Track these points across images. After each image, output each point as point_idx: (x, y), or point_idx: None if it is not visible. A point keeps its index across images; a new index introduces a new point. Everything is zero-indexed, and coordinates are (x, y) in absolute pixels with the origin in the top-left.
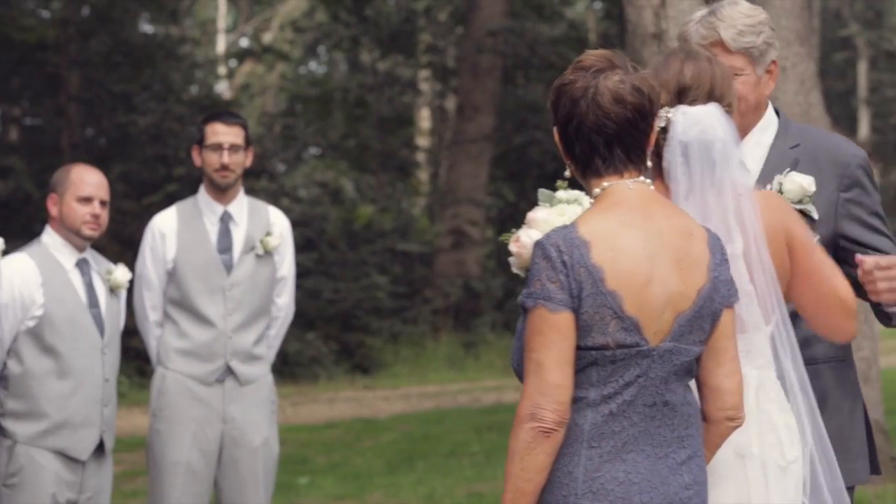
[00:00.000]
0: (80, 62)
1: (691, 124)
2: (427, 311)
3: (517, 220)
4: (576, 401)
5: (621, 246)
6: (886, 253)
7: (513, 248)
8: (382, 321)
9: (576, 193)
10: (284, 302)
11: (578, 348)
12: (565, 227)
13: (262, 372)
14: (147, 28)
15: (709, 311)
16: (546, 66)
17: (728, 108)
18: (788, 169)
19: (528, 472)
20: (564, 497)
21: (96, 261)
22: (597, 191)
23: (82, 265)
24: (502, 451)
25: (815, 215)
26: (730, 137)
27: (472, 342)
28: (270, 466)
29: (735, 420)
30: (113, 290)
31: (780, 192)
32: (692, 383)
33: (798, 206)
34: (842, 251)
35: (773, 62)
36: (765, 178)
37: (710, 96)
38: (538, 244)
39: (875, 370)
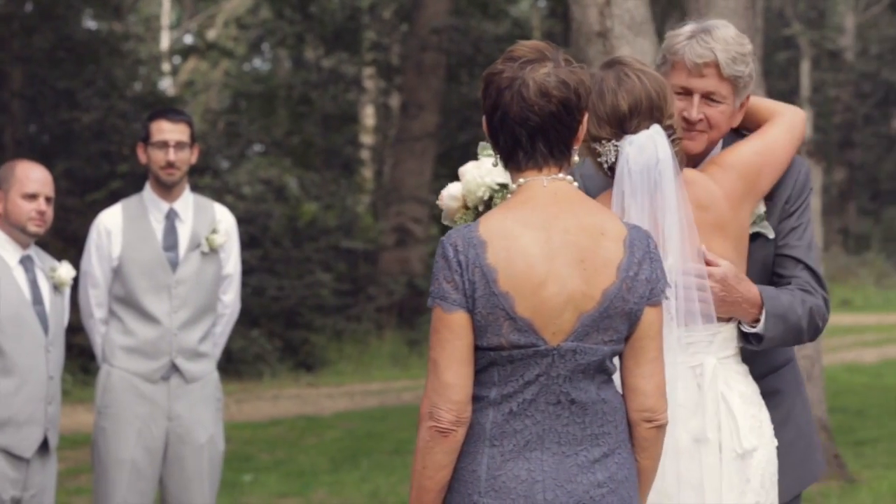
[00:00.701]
0: (22, 58)
1: (637, 153)
2: (371, 309)
3: None
4: (478, 400)
5: (517, 246)
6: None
7: (439, 202)
8: (326, 318)
9: None
10: (230, 299)
11: (477, 348)
12: (468, 225)
13: (207, 369)
14: (90, 24)
15: (621, 311)
16: (490, 64)
17: (670, 120)
18: None
19: (429, 469)
20: (469, 495)
21: (40, 258)
22: (513, 186)
23: (26, 262)
24: None
25: (771, 234)
26: (668, 156)
27: (416, 340)
28: (216, 464)
29: (653, 422)
30: (57, 288)
31: None
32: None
33: (752, 229)
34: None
35: (748, 96)
36: None
37: (651, 116)
38: (441, 242)
39: (818, 368)
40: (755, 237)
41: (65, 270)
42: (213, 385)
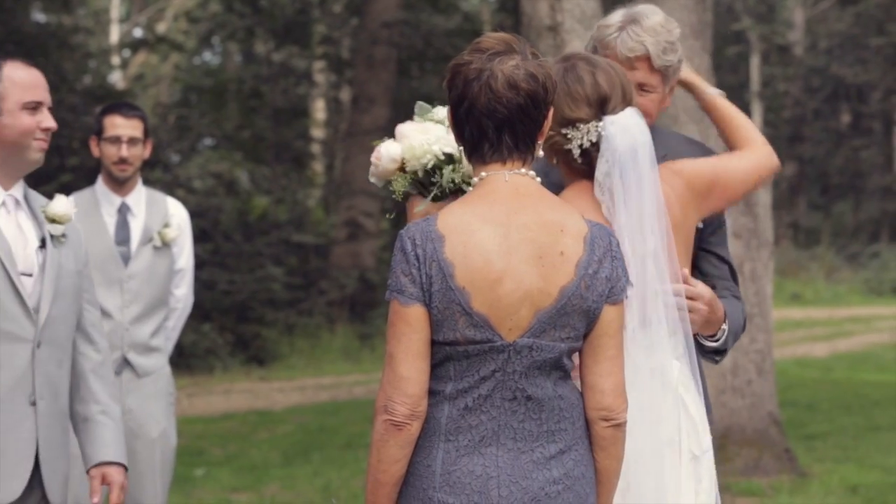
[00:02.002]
0: None
1: (622, 133)
2: (322, 303)
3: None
4: (434, 394)
5: (475, 241)
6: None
7: (372, 157)
8: (278, 313)
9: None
10: (183, 293)
11: (434, 343)
12: (426, 219)
13: (159, 364)
14: (39, 17)
15: (578, 308)
16: (441, 58)
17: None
18: None
19: (384, 463)
20: (424, 490)
21: None
22: (475, 179)
23: None
24: None
25: (700, 224)
26: (649, 139)
27: (367, 334)
28: (168, 458)
29: (610, 420)
30: None
31: None
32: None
33: None
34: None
35: (677, 80)
36: None
37: (625, 100)
38: (399, 235)
39: (769, 362)
40: None
41: None
42: (165, 379)
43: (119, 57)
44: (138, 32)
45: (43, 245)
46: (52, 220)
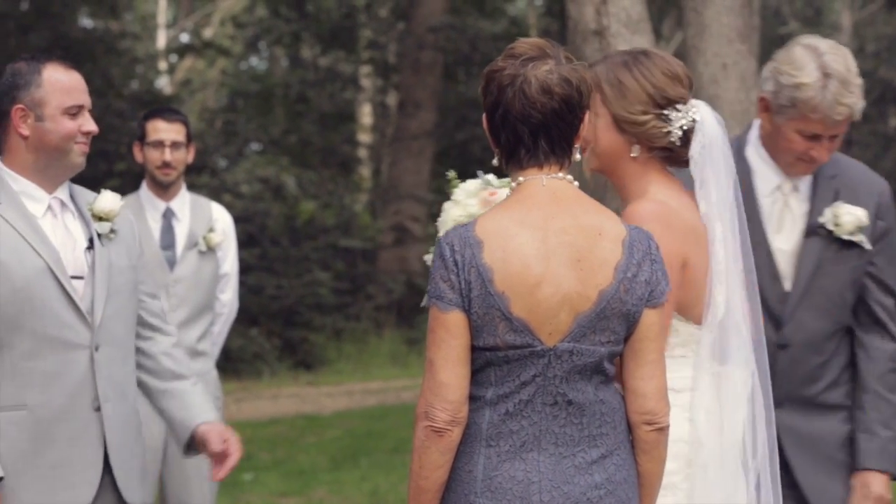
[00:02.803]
0: (19, 57)
1: (709, 118)
2: (370, 308)
3: None
4: (475, 400)
5: (513, 246)
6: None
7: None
8: (325, 317)
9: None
10: (228, 298)
11: (474, 348)
12: (465, 225)
13: (206, 368)
14: (87, 22)
15: (618, 312)
16: (487, 63)
17: None
18: (835, 200)
19: (425, 469)
20: (465, 496)
21: None
22: (513, 184)
23: None
24: None
25: (868, 246)
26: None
27: (414, 338)
28: None
29: (653, 425)
30: None
31: (836, 224)
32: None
33: (850, 237)
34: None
35: None
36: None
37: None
38: (438, 241)
39: None
40: (851, 245)
41: None
42: (212, 384)
43: (166, 62)
44: (185, 37)
45: (91, 245)
46: (99, 218)
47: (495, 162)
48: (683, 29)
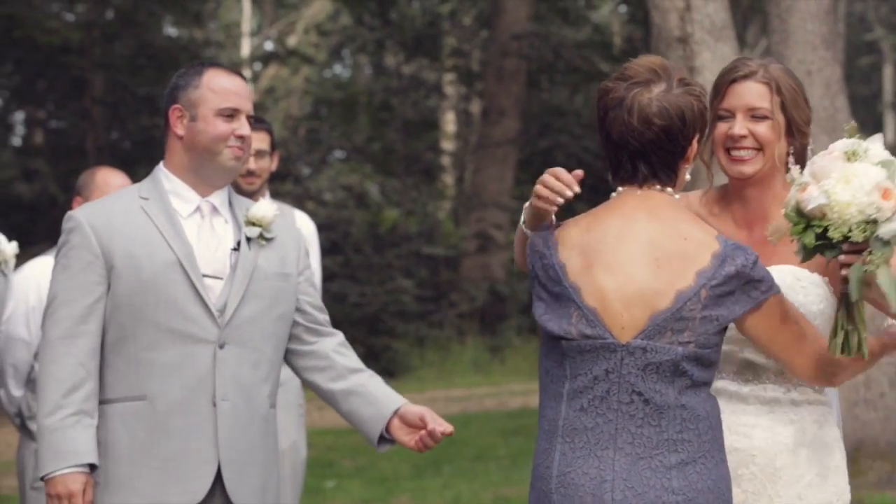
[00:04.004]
0: (104, 65)
1: None
2: (453, 315)
3: None
4: (552, 396)
5: (587, 241)
6: None
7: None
8: (408, 325)
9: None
10: None
11: (551, 337)
12: (546, 229)
13: (288, 375)
14: (171, 31)
15: (699, 316)
16: (570, 70)
17: None
18: None
19: None
20: (543, 492)
21: None
22: (614, 194)
23: None
24: (528, 455)
25: None
26: None
27: (497, 346)
28: (298, 470)
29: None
30: None
31: None
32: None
33: None
34: None
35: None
36: None
37: None
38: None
39: None
40: None
41: None
42: (294, 391)
43: (250, 70)
44: (269, 46)
45: (238, 248)
46: (252, 224)
47: (579, 172)
48: (768, 36)
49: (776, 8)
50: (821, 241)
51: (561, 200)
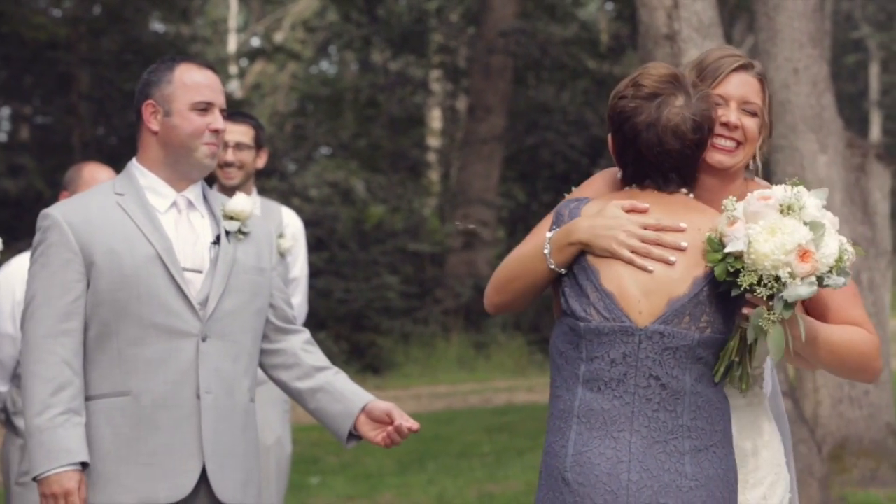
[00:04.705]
0: (90, 61)
1: None
2: (438, 312)
3: (528, 221)
4: (569, 377)
5: None
6: None
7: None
8: (393, 321)
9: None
10: (297, 302)
11: (566, 315)
12: (579, 199)
13: None
14: (158, 27)
15: (716, 299)
16: (557, 67)
17: None
18: None
19: None
20: (557, 469)
21: None
22: (627, 188)
23: None
24: (513, 452)
25: None
26: None
27: (482, 343)
28: (283, 466)
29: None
30: None
31: None
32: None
33: None
34: None
35: None
36: None
37: None
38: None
39: (887, 372)
40: None
41: None
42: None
43: (237, 66)
44: (256, 42)
45: (217, 242)
46: (230, 218)
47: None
48: (755, 33)
49: (763, 6)
50: (731, 277)
51: (652, 269)
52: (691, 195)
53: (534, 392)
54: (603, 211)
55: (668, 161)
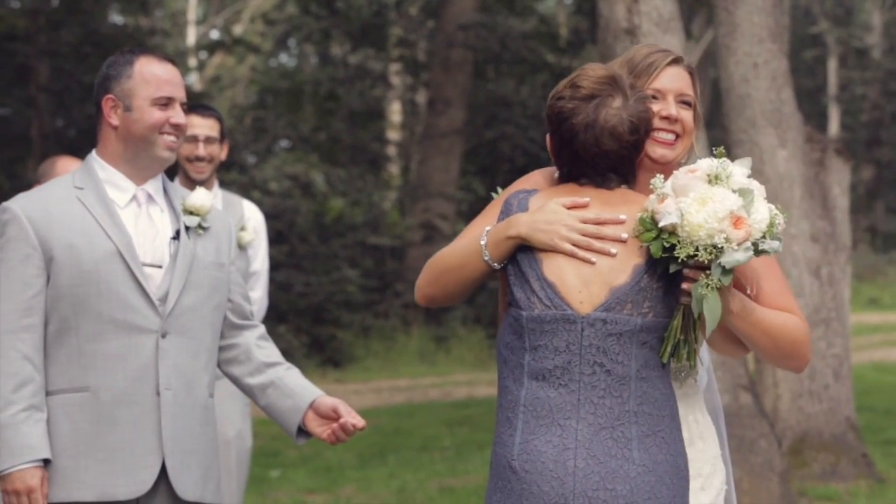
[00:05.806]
0: (49, 52)
1: None
2: (398, 305)
3: None
4: (514, 367)
5: None
6: None
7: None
8: (353, 315)
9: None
10: (258, 296)
11: (511, 306)
12: (528, 191)
13: None
14: (117, 19)
15: (657, 286)
16: (517, 61)
17: None
18: None
19: None
20: (505, 458)
21: None
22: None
23: None
24: (473, 446)
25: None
26: None
27: (443, 336)
28: (244, 459)
29: None
30: None
31: None
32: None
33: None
34: None
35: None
36: None
37: None
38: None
39: (846, 367)
40: None
41: None
42: None
43: (196, 59)
44: (215, 34)
45: (177, 237)
46: (190, 213)
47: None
48: (714, 28)
49: (723, 1)
50: (667, 253)
51: (594, 261)
52: (626, 188)
53: (494, 386)
54: (543, 207)
55: (605, 162)
